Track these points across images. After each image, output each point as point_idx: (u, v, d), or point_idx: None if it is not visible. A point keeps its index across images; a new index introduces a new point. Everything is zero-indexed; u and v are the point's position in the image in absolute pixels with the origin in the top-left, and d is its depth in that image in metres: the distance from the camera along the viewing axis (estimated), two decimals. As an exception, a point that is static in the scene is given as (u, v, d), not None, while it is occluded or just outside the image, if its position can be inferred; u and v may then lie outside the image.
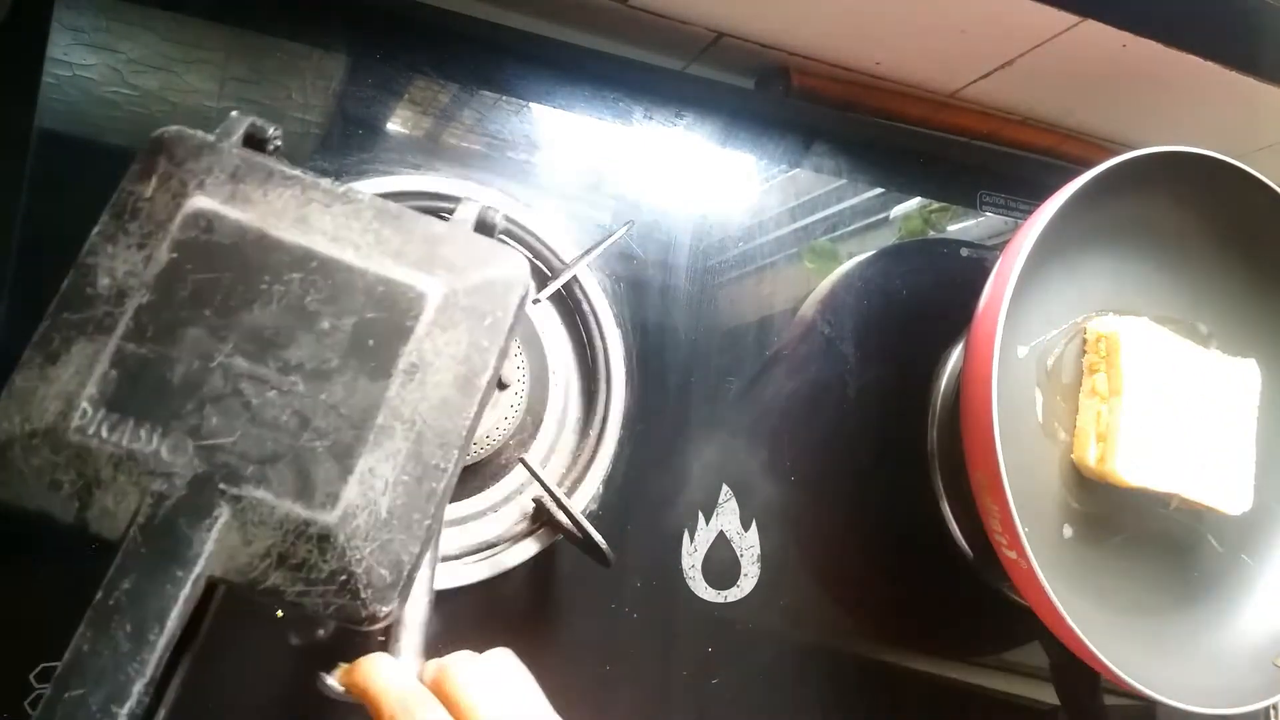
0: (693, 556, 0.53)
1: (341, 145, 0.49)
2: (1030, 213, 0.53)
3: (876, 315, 0.59)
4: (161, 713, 0.29)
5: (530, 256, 0.52)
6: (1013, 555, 0.48)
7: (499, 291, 0.32)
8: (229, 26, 0.47)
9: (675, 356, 0.54)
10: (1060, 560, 0.55)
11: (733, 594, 0.53)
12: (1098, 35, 0.56)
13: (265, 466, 0.28)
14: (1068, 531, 0.56)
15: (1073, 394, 0.57)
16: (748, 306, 0.57)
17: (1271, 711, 0.64)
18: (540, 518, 0.49)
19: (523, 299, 0.33)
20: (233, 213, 0.31)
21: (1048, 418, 0.57)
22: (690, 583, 0.52)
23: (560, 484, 0.50)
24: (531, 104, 0.54)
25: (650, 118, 0.57)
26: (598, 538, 0.44)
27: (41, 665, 0.40)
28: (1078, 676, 0.53)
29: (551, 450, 0.51)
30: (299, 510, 0.28)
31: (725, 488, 0.54)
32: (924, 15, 0.56)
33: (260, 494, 0.28)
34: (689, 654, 0.52)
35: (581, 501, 0.50)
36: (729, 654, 0.52)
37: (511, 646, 0.48)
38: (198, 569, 0.27)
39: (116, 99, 0.45)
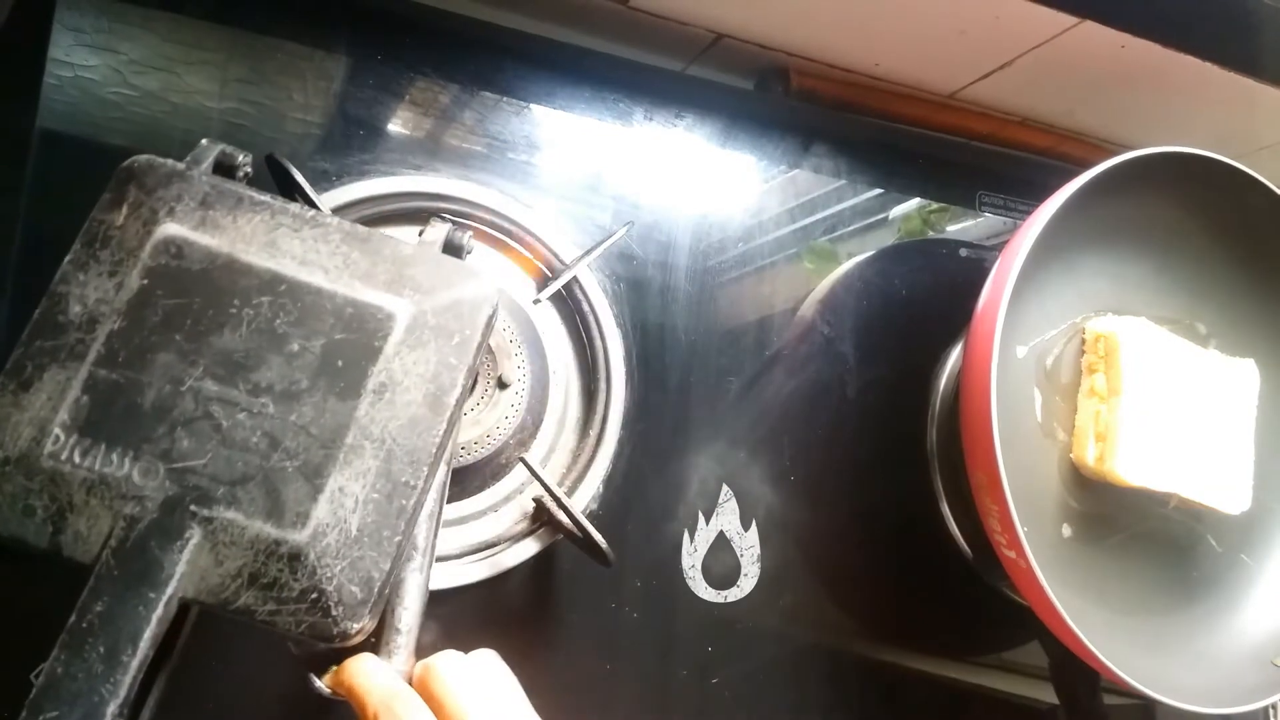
0: (693, 556, 0.53)
1: (342, 146, 0.49)
2: (1029, 213, 0.53)
3: (876, 315, 0.60)
4: None
5: (531, 257, 0.53)
6: (1012, 555, 0.48)
7: (466, 311, 0.32)
8: (230, 27, 0.47)
9: (675, 356, 0.54)
10: (1059, 560, 0.55)
11: (733, 594, 0.53)
12: (1097, 36, 0.56)
13: (236, 487, 0.29)
14: (1067, 531, 0.56)
15: (1072, 394, 0.57)
16: (748, 306, 0.57)
17: (1271, 711, 0.64)
18: (540, 517, 0.49)
19: (490, 318, 0.33)
20: (202, 239, 0.31)
21: (1047, 417, 0.57)
22: (690, 583, 0.52)
23: (560, 483, 0.50)
24: (532, 105, 0.54)
25: (650, 118, 0.57)
26: (598, 537, 0.44)
27: (42, 666, 0.40)
28: (1077, 676, 0.53)
29: (551, 450, 0.51)
30: (269, 530, 0.29)
31: (725, 488, 0.54)
32: (923, 16, 0.57)
33: (231, 515, 0.29)
34: (689, 654, 0.52)
35: (582, 501, 0.50)
36: (729, 654, 0.53)
37: (512, 646, 0.48)
38: (170, 590, 0.28)
39: (118, 99, 0.45)
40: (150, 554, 0.28)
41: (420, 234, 0.36)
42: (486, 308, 0.33)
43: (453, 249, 0.35)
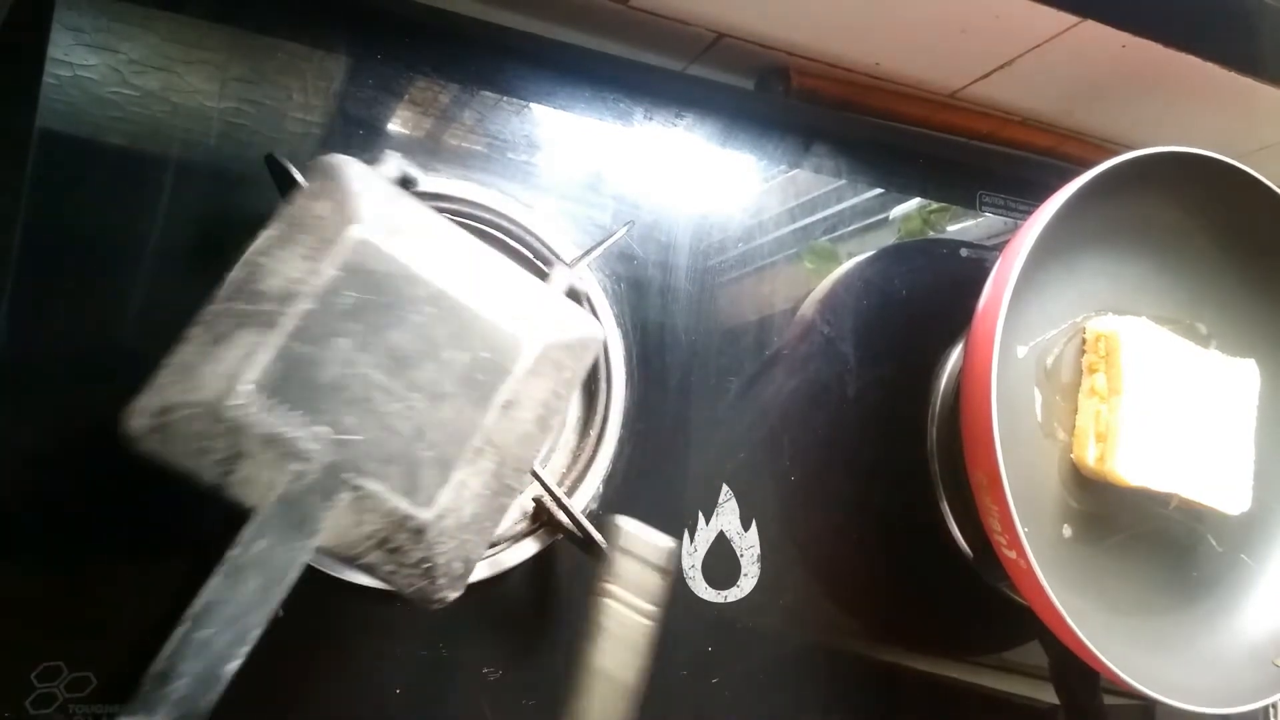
0: (693, 556, 0.53)
1: (342, 146, 0.49)
2: (1030, 213, 0.53)
3: (876, 315, 0.60)
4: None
5: (530, 256, 0.52)
6: (1012, 555, 0.48)
7: (579, 352, 0.38)
8: (230, 27, 0.47)
9: (675, 356, 0.54)
10: (1059, 560, 0.55)
11: (733, 594, 0.53)
12: (1097, 35, 0.56)
13: (385, 465, 0.33)
14: (1067, 531, 0.56)
15: (1072, 393, 0.57)
16: (748, 306, 0.57)
17: (1271, 711, 0.64)
18: (540, 517, 0.49)
19: (595, 359, 0.38)
20: (390, 246, 0.35)
21: (1047, 417, 0.57)
22: (690, 583, 0.52)
23: (560, 483, 0.50)
24: (532, 105, 0.54)
25: (650, 118, 0.57)
26: (598, 537, 0.44)
27: (43, 664, 0.40)
28: (1077, 676, 0.53)
29: (552, 450, 0.51)
30: (403, 505, 0.33)
31: (725, 488, 0.54)
32: (924, 15, 0.57)
33: (377, 486, 0.33)
34: (689, 654, 0.52)
35: (582, 501, 0.50)
36: (729, 654, 0.53)
37: (512, 646, 0.48)
38: (317, 541, 0.32)
39: (117, 99, 0.45)
40: (307, 507, 0.32)
41: (547, 278, 0.40)
42: (594, 350, 0.38)
43: (574, 295, 0.41)
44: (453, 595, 0.34)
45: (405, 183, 0.39)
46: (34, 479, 0.41)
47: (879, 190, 0.62)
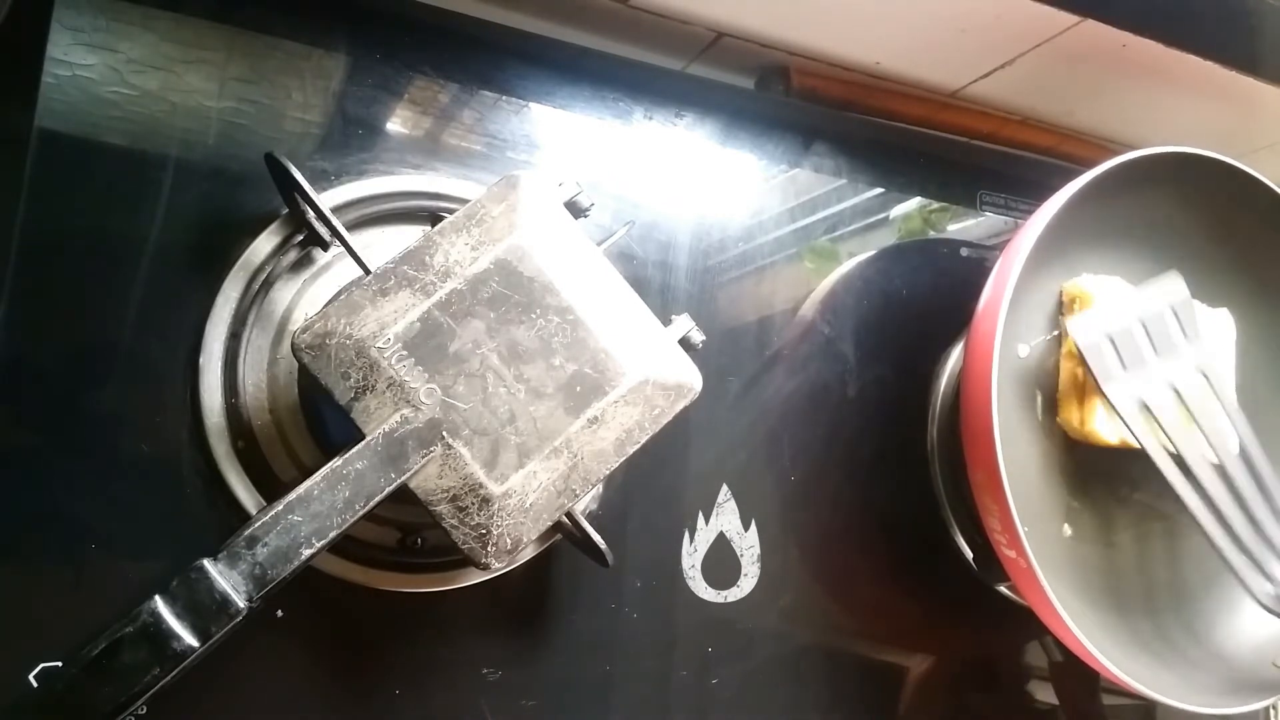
0: (693, 556, 0.53)
1: (341, 145, 0.49)
2: (1030, 213, 0.53)
3: (876, 315, 0.59)
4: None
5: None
6: (1012, 554, 0.48)
7: (673, 395, 0.41)
8: (229, 26, 0.47)
9: (675, 356, 0.54)
10: (1060, 560, 0.55)
11: (733, 594, 0.53)
12: (1098, 35, 0.56)
13: (476, 435, 0.38)
14: (1067, 531, 0.56)
15: (1072, 393, 0.57)
16: (748, 306, 0.57)
17: (1271, 711, 0.64)
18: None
19: (685, 407, 0.41)
20: (539, 256, 0.40)
21: (1047, 416, 0.57)
22: (690, 583, 0.52)
23: (560, 484, 0.50)
24: (531, 104, 0.54)
25: (650, 118, 0.57)
26: (597, 538, 0.44)
27: (41, 666, 0.40)
28: (1077, 676, 0.53)
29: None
30: (480, 474, 0.38)
31: (725, 488, 0.54)
32: (924, 15, 0.57)
33: (465, 450, 0.38)
34: (689, 654, 0.52)
35: (582, 501, 0.50)
36: (729, 654, 0.52)
37: (512, 647, 0.48)
38: (404, 478, 0.37)
39: (116, 99, 0.45)
40: (406, 448, 0.37)
41: (669, 324, 0.43)
42: (688, 398, 0.42)
43: (687, 344, 0.44)
44: (496, 564, 0.38)
45: (574, 207, 0.43)
46: (33, 479, 0.41)
47: (879, 190, 0.62)
